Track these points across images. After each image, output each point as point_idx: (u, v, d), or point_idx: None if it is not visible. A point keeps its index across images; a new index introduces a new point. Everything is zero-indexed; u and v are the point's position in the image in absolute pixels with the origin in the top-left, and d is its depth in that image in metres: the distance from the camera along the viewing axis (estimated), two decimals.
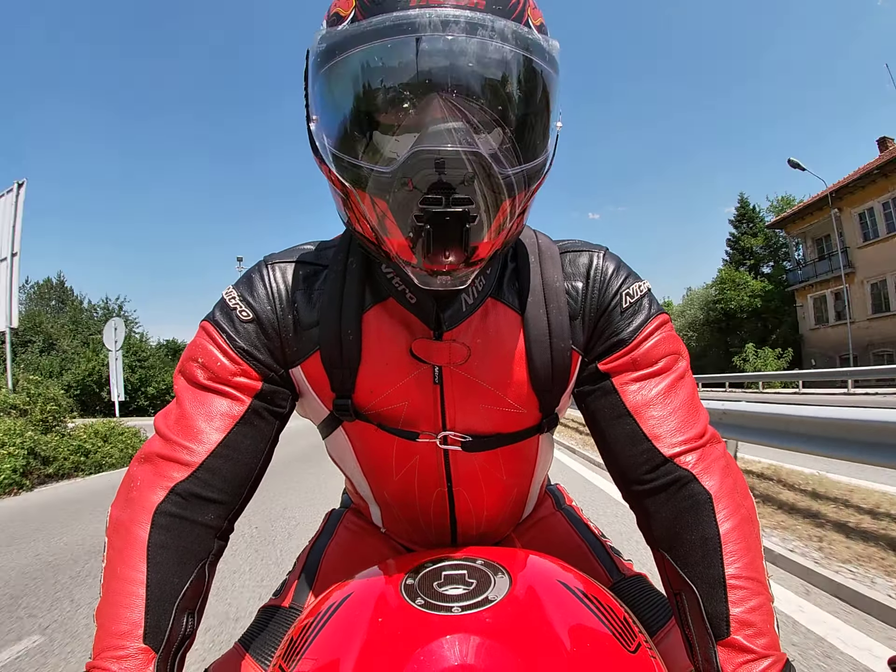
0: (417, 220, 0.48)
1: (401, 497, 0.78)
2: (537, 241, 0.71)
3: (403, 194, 0.48)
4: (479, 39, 0.46)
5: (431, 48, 0.46)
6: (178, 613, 0.55)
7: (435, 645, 0.45)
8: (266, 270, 0.67)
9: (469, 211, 0.48)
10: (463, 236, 0.49)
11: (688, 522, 0.58)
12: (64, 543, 3.64)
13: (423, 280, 0.53)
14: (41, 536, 3.86)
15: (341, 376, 0.66)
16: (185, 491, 0.59)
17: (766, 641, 0.52)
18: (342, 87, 0.50)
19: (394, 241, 0.52)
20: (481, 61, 0.47)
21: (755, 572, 0.55)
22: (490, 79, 0.47)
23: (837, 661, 1.82)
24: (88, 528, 4.04)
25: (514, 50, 0.48)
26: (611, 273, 0.68)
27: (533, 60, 0.49)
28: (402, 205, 0.48)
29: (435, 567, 0.58)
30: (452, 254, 0.50)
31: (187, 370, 0.64)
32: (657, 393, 0.63)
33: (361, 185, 0.50)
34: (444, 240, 0.49)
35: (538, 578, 0.58)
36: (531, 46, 0.49)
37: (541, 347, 0.66)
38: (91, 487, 6.10)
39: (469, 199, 0.47)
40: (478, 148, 0.47)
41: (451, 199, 0.47)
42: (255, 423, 0.64)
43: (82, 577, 2.94)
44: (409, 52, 0.46)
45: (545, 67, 0.51)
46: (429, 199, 0.47)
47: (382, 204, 0.50)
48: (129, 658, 0.51)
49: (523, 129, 0.51)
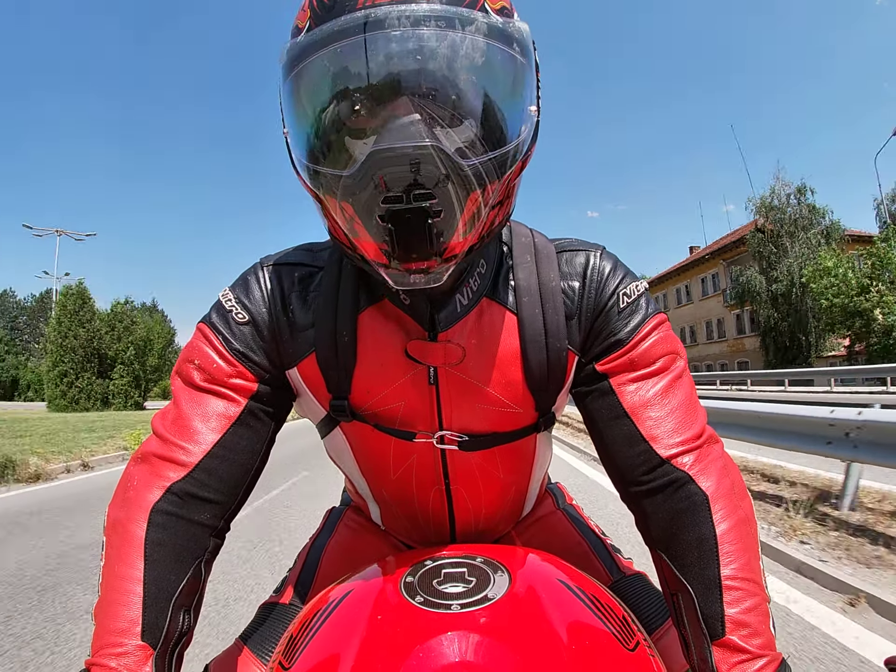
0: (381, 220, 0.48)
1: (399, 496, 0.78)
2: (533, 239, 0.70)
3: (367, 196, 0.47)
4: (427, 31, 0.45)
5: (377, 47, 0.45)
6: (174, 610, 0.55)
7: (434, 642, 0.45)
8: (261, 272, 0.68)
9: (431, 206, 0.47)
10: (427, 231, 0.48)
11: (685, 523, 0.58)
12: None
13: (397, 280, 0.52)
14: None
15: (337, 377, 0.66)
16: (182, 491, 0.59)
17: (762, 642, 0.52)
18: (301, 96, 0.50)
19: (364, 244, 0.51)
20: (429, 53, 0.45)
21: (751, 573, 0.55)
22: (440, 69, 0.46)
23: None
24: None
25: (464, 36, 0.46)
26: (608, 273, 0.67)
27: (488, 44, 0.47)
28: (367, 206, 0.48)
29: (435, 565, 0.58)
30: (419, 251, 0.49)
31: (184, 371, 0.64)
32: (655, 393, 0.63)
33: (329, 191, 0.50)
34: (409, 238, 0.48)
35: (538, 577, 0.58)
36: (485, 30, 0.47)
37: (536, 347, 0.66)
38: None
39: (431, 193, 0.47)
40: (435, 141, 0.46)
41: (413, 196, 0.46)
42: (251, 424, 0.64)
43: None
44: (356, 54, 0.45)
45: (505, 50, 0.49)
46: (389, 197, 0.46)
47: (349, 208, 0.49)
48: (127, 655, 0.51)
49: (485, 116, 0.49)
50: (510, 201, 0.57)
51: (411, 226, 0.48)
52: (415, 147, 0.45)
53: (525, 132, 0.53)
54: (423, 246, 0.49)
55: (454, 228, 0.50)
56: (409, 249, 0.49)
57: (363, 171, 0.46)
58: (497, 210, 0.54)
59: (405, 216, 0.47)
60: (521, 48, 0.51)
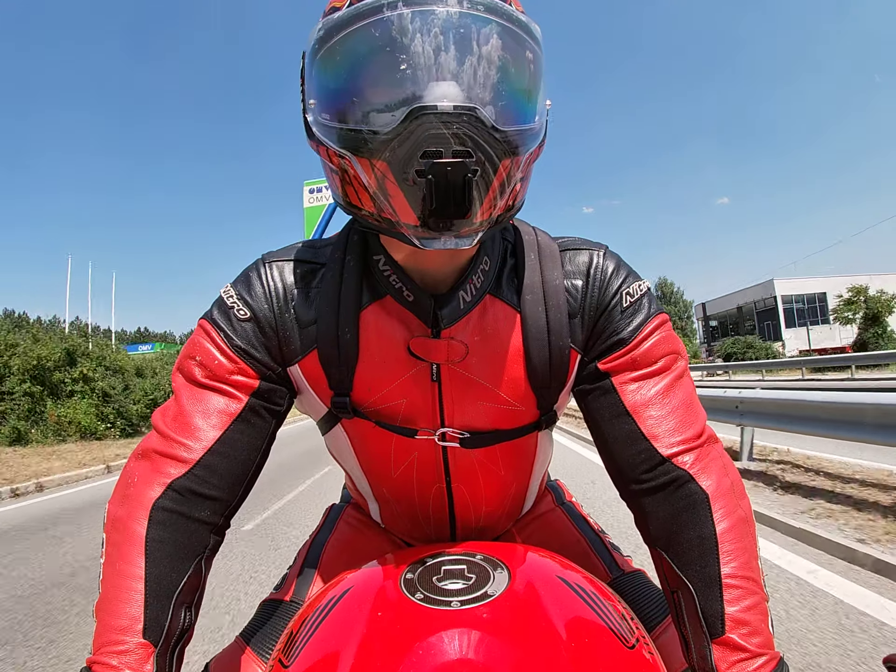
0: (419, 174, 0.48)
1: (400, 493, 0.78)
2: (536, 238, 0.70)
3: (404, 151, 0.48)
4: (468, 10, 0.49)
5: (424, 17, 0.48)
6: (176, 608, 0.55)
7: (434, 639, 0.45)
8: (263, 269, 0.67)
9: (470, 163, 0.48)
10: (466, 186, 0.49)
11: (685, 522, 0.58)
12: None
13: (424, 241, 0.52)
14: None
15: (339, 374, 0.66)
16: (182, 487, 0.59)
17: (761, 640, 0.52)
18: (340, 62, 0.52)
19: (395, 203, 0.52)
20: (471, 28, 0.49)
21: (750, 572, 0.55)
22: (481, 43, 0.49)
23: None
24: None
25: (501, 21, 0.51)
26: (611, 272, 0.67)
27: (519, 32, 0.52)
28: (403, 164, 0.49)
29: (434, 562, 0.58)
30: (456, 207, 0.50)
31: (185, 368, 0.64)
32: (656, 393, 0.63)
33: (361, 151, 0.51)
34: (447, 192, 0.49)
35: (537, 574, 0.58)
36: (518, 20, 0.52)
37: (539, 345, 0.66)
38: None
39: (469, 151, 0.48)
40: (474, 103, 0.48)
41: (452, 152, 0.48)
42: (251, 421, 0.64)
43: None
44: (403, 21, 0.48)
45: (530, 42, 0.53)
46: (429, 152, 0.48)
47: (382, 165, 0.50)
48: (129, 653, 0.51)
49: (516, 92, 0.53)
50: (526, 184, 0.58)
51: (450, 180, 0.48)
52: (456, 107, 0.47)
53: (543, 120, 0.56)
54: (461, 201, 0.49)
55: (487, 190, 0.51)
56: (446, 204, 0.49)
57: (403, 126, 0.48)
58: (518, 187, 0.56)
59: (445, 168, 0.48)
60: (540, 46, 0.55)
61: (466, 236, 0.52)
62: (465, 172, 0.48)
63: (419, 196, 0.49)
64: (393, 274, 0.64)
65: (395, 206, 0.52)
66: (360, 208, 0.56)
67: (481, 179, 0.50)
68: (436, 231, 0.51)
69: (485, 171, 0.50)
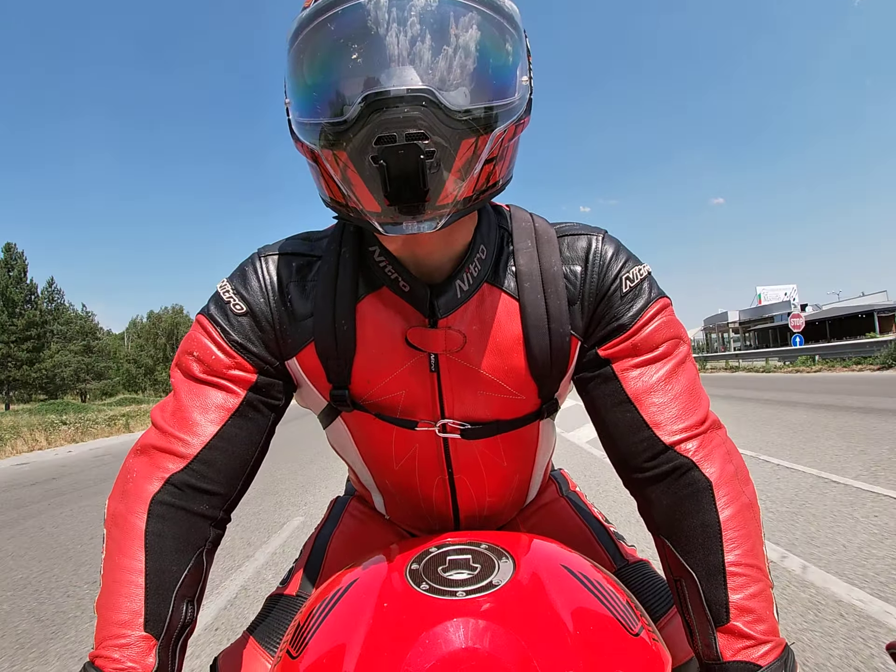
0: (374, 161, 0.48)
1: (402, 485, 0.78)
2: (534, 224, 0.69)
3: (361, 139, 0.48)
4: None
5: (378, 5, 0.47)
6: (177, 601, 0.56)
7: (440, 629, 0.45)
8: (259, 263, 0.67)
9: (424, 146, 0.47)
10: (420, 169, 0.48)
11: (688, 509, 0.58)
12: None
13: (387, 227, 0.52)
14: None
15: (337, 367, 0.66)
16: (181, 482, 0.59)
17: (766, 627, 0.52)
18: (304, 58, 0.52)
19: (358, 191, 0.51)
20: (425, 8, 0.48)
21: (755, 559, 0.55)
22: (435, 23, 0.48)
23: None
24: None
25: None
26: (610, 256, 0.66)
27: (479, 8, 0.50)
28: (360, 150, 0.48)
29: (439, 552, 0.58)
30: (412, 190, 0.49)
31: (183, 363, 0.65)
32: (658, 379, 0.62)
33: (325, 143, 0.51)
34: (400, 175, 0.48)
35: (542, 563, 0.58)
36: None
37: (539, 333, 0.65)
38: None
39: (423, 133, 0.47)
40: (428, 84, 0.47)
41: (405, 135, 0.47)
42: (250, 416, 0.64)
43: None
44: (356, 12, 0.48)
45: (495, 17, 0.51)
46: (382, 138, 0.47)
47: (343, 155, 0.50)
48: (130, 646, 0.51)
49: (477, 71, 0.50)
50: (504, 164, 0.57)
51: (403, 163, 0.48)
52: (409, 90, 0.46)
53: (518, 97, 0.54)
54: (416, 184, 0.49)
55: (447, 172, 0.50)
56: (402, 188, 0.49)
57: (357, 115, 0.47)
58: (491, 167, 0.54)
59: (398, 152, 0.47)
60: (510, 22, 0.52)
61: (430, 220, 0.52)
62: (418, 155, 0.48)
63: (378, 183, 0.49)
64: (388, 265, 0.64)
65: (357, 195, 0.52)
66: (336, 201, 0.56)
67: (440, 161, 0.49)
68: (398, 216, 0.51)
69: (444, 152, 0.49)
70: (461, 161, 0.50)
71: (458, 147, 0.49)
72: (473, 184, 0.53)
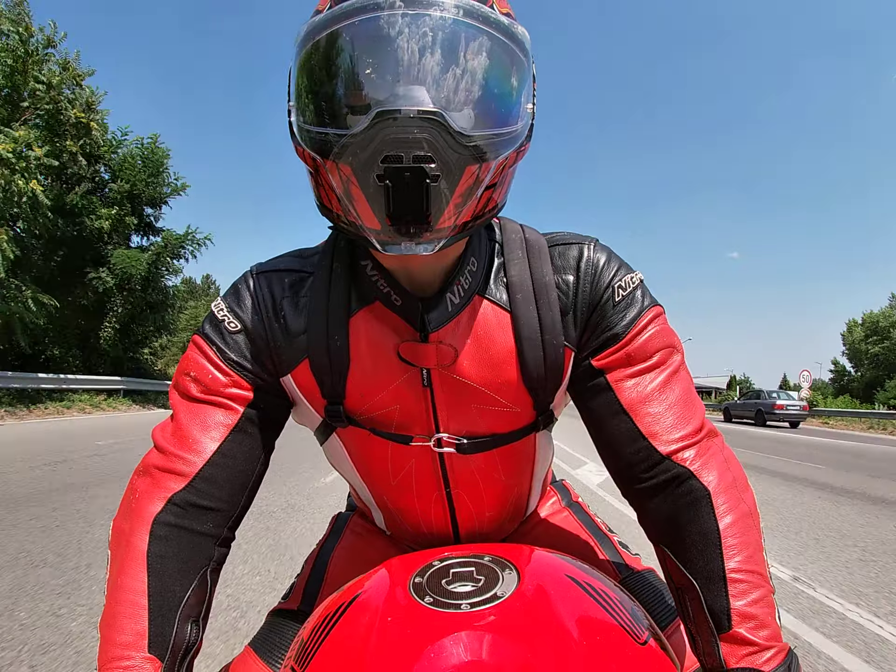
0: (379, 179, 0.49)
1: (400, 501, 0.78)
2: (524, 235, 0.70)
3: (367, 155, 0.48)
4: (440, 13, 0.48)
5: (395, 21, 0.48)
6: (181, 621, 0.55)
7: (444, 642, 0.45)
8: (252, 280, 0.68)
9: (430, 169, 0.48)
10: (425, 193, 0.49)
11: (687, 518, 0.58)
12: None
13: (387, 245, 0.52)
14: None
15: (331, 382, 0.66)
16: (183, 501, 0.59)
17: (769, 633, 0.52)
18: (314, 65, 0.52)
19: (359, 206, 0.52)
20: (442, 32, 0.48)
21: (756, 565, 0.55)
22: (451, 48, 0.49)
23: None
24: None
25: (476, 24, 0.50)
26: (602, 265, 0.66)
27: (494, 35, 0.51)
28: (366, 166, 0.49)
29: (443, 565, 0.58)
30: (414, 212, 0.50)
31: (181, 384, 0.65)
32: (653, 389, 0.62)
33: (327, 153, 0.51)
34: (405, 197, 0.49)
35: (546, 573, 0.58)
36: (495, 22, 0.51)
37: (532, 345, 0.65)
38: None
39: (430, 156, 0.48)
40: (439, 108, 0.48)
41: (412, 157, 0.47)
42: (249, 431, 0.65)
43: None
44: (373, 25, 0.48)
45: (508, 44, 0.52)
46: (389, 157, 0.48)
47: (347, 169, 0.50)
48: (134, 668, 0.51)
49: (487, 98, 0.51)
50: (503, 189, 0.57)
51: (408, 185, 0.48)
52: (420, 111, 0.47)
53: (521, 125, 0.54)
54: (419, 207, 0.49)
55: (450, 197, 0.50)
56: (404, 209, 0.49)
57: (367, 130, 0.48)
58: (490, 192, 0.55)
59: (404, 174, 0.48)
60: (521, 49, 0.53)
61: (428, 242, 0.52)
62: (423, 178, 0.48)
63: (381, 201, 0.50)
64: (381, 279, 0.64)
65: (358, 210, 0.52)
66: (332, 211, 0.56)
67: (444, 186, 0.49)
68: (397, 236, 0.51)
69: (448, 177, 0.49)
70: (463, 186, 0.51)
71: (462, 172, 0.50)
72: (473, 209, 0.54)
